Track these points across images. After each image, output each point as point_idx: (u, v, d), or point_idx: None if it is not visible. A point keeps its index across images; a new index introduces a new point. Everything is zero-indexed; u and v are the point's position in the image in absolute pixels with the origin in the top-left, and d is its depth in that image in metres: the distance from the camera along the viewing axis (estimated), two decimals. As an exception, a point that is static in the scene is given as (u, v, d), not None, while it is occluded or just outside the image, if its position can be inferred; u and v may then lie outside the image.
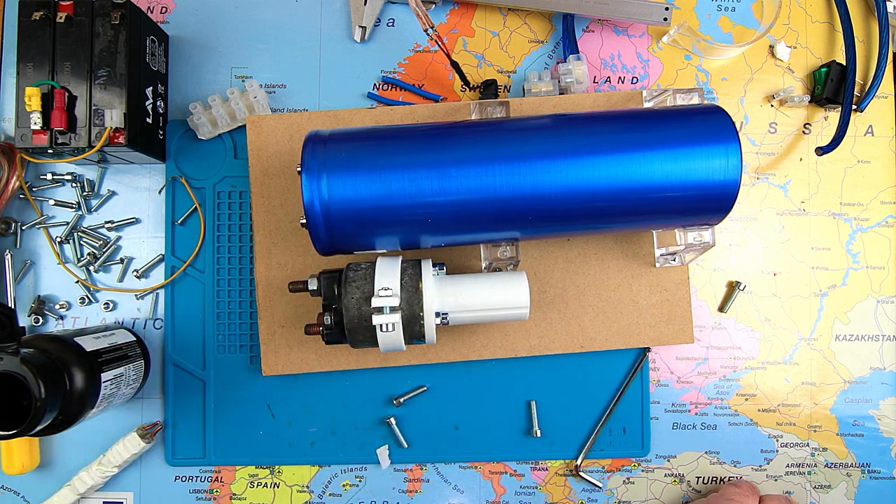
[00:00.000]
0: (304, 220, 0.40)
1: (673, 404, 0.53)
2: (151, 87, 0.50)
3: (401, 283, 0.41)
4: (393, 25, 0.54)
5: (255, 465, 0.52)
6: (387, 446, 0.51)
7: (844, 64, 0.53)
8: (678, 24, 0.52)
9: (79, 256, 0.52)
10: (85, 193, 0.52)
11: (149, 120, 0.49)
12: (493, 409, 0.52)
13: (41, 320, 0.52)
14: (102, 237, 0.52)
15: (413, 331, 0.41)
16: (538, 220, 0.41)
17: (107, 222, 0.52)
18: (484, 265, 0.46)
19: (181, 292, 0.52)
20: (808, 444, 0.53)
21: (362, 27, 0.53)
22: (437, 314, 0.42)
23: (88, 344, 0.44)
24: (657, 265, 0.51)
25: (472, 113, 0.46)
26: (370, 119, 0.51)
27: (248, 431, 0.51)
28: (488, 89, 0.52)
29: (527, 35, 0.54)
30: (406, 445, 0.51)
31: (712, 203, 0.41)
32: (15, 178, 0.50)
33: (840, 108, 0.52)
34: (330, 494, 0.52)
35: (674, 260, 0.50)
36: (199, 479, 0.52)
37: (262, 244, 0.50)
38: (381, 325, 0.40)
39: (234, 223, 0.52)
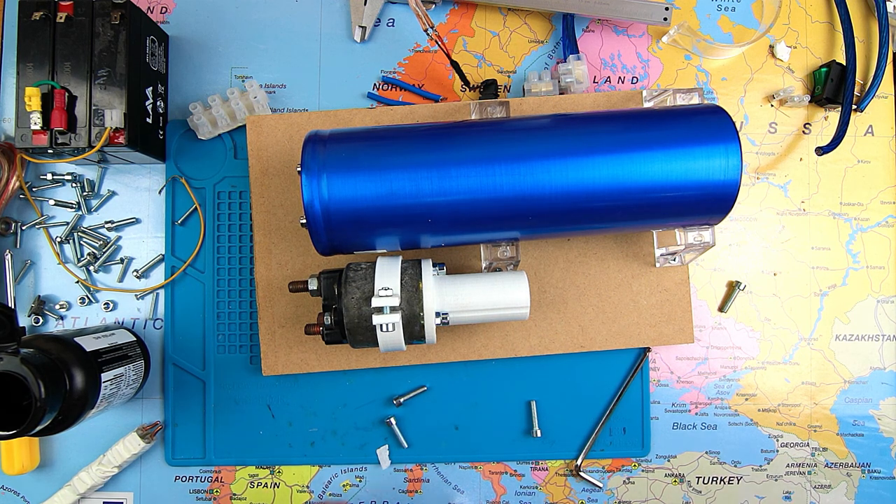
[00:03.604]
0: (304, 220, 0.40)
1: (673, 404, 0.53)
2: (151, 87, 0.50)
3: (401, 283, 0.41)
4: (393, 25, 0.54)
5: (255, 465, 0.52)
6: (387, 446, 0.51)
7: (844, 64, 0.53)
8: (678, 24, 0.52)
9: (79, 256, 0.52)
10: (85, 193, 0.52)
11: (149, 120, 0.49)
12: (493, 409, 0.52)
13: (41, 320, 0.52)
14: (102, 237, 0.52)
15: (413, 331, 0.41)
16: (538, 220, 0.41)
17: (107, 222, 0.52)
18: (484, 265, 0.46)
19: (181, 292, 0.52)
20: (808, 444, 0.53)
21: (362, 27, 0.53)
22: (437, 314, 0.42)
23: (88, 344, 0.44)
24: (657, 265, 0.51)
25: (472, 113, 0.46)
26: (370, 119, 0.51)
27: (248, 431, 0.51)
28: (488, 89, 0.52)
29: (527, 35, 0.54)
30: (406, 445, 0.51)
31: (712, 203, 0.41)
32: (15, 178, 0.50)
33: (840, 108, 0.52)
34: (330, 494, 0.52)
35: (674, 260, 0.50)
36: (199, 479, 0.52)
37: (262, 244, 0.50)
38: (381, 325, 0.40)
39: (234, 223, 0.52)
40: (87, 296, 0.52)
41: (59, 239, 0.52)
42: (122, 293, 0.52)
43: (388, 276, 0.41)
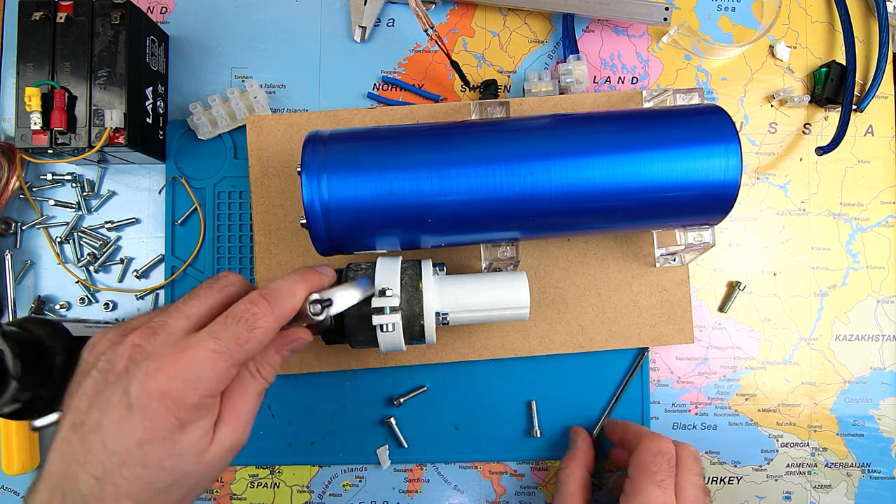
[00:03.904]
0: (304, 220, 0.40)
1: (673, 404, 0.53)
2: (151, 87, 0.50)
3: (401, 283, 0.41)
4: (393, 25, 0.54)
5: (255, 465, 0.52)
6: (387, 446, 0.51)
7: (844, 64, 0.53)
8: (678, 24, 0.52)
9: (79, 256, 0.52)
10: (85, 193, 0.52)
11: (149, 120, 0.49)
12: (493, 409, 0.52)
13: (41, 320, 0.52)
14: (102, 237, 0.52)
15: (413, 331, 0.41)
16: (538, 220, 0.41)
17: (107, 222, 0.52)
18: (484, 265, 0.46)
19: (181, 292, 0.52)
20: (808, 444, 0.53)
21: (362, 27, 0.53)
22: (437, 314, 0.42)
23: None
24: (657, 265, 0.51)
25: (472, 113, 0.46)
26: (370, 119, 0.51)
27: (248, 431, 0.51)
28: (488, 89, 0.52)
29: (527, 35, 0.54)
30: (406, 445, 0.51)
31: (712, 203, 0.41)
32: (15, 178, 0.50)
33: (840, 108, 0.52)
34: (330, 494, 0.52)
35: (674, 260, 0.50)
36: (199, 479, 0.52)
37: (262, 244, 0.50)
38: (381, 326, 0.40)
39: (234, 223, 0.52)
40: (87, 296, 0.52)
41: (59, 239, 0.52)
42: (122, 293, 0.52)
43: (388, 276, 0.41)
